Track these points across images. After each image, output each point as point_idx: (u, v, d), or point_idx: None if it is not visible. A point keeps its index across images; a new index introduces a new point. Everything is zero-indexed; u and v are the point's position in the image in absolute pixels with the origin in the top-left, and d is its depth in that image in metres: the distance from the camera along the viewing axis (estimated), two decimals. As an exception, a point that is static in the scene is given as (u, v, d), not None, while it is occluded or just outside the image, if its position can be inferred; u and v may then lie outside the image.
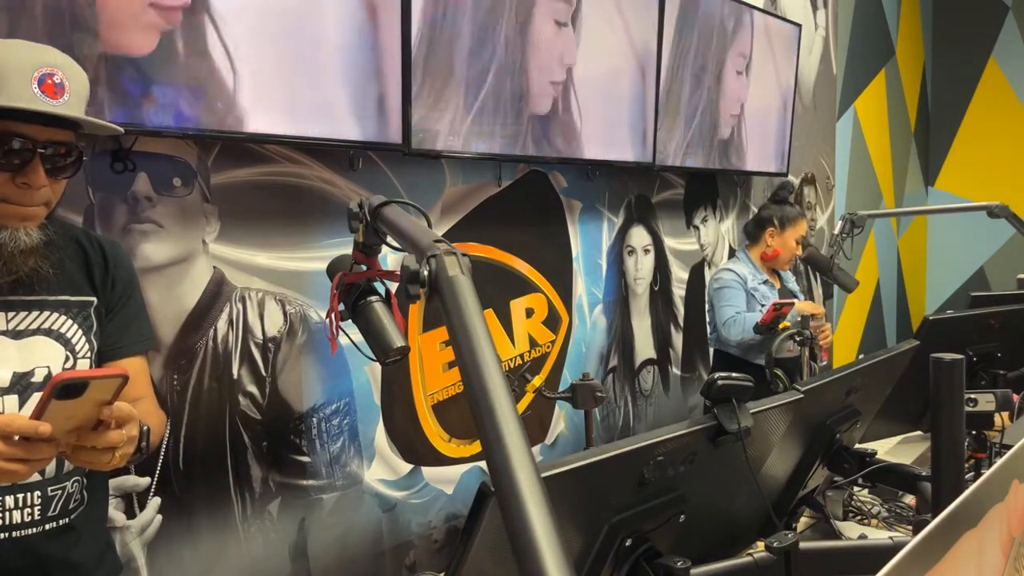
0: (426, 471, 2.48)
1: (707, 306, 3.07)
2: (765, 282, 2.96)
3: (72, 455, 1.06)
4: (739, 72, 3.56)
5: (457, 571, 0.86)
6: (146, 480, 1.80)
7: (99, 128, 1.23)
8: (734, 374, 1.17)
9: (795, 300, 2.99)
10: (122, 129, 1.31)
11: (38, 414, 0.98)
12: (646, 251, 3.36)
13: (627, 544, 1.04)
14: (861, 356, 4.16)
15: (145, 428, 1.18)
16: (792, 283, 3.15)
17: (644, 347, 3.38)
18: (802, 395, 1.34)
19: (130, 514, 1.78)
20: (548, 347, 2.88)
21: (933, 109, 6.22)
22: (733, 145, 3.58)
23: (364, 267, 1.31)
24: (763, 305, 2.88)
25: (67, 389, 0.97)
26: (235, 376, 1.96)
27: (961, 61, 6.03)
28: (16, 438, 1.00)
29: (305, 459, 2.12)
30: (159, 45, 1.67)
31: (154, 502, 1.81)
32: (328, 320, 1.31)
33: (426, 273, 0.87)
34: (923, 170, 6.20)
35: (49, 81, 1.12)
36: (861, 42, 5.09)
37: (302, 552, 2.13)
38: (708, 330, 3.16)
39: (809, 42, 4.44)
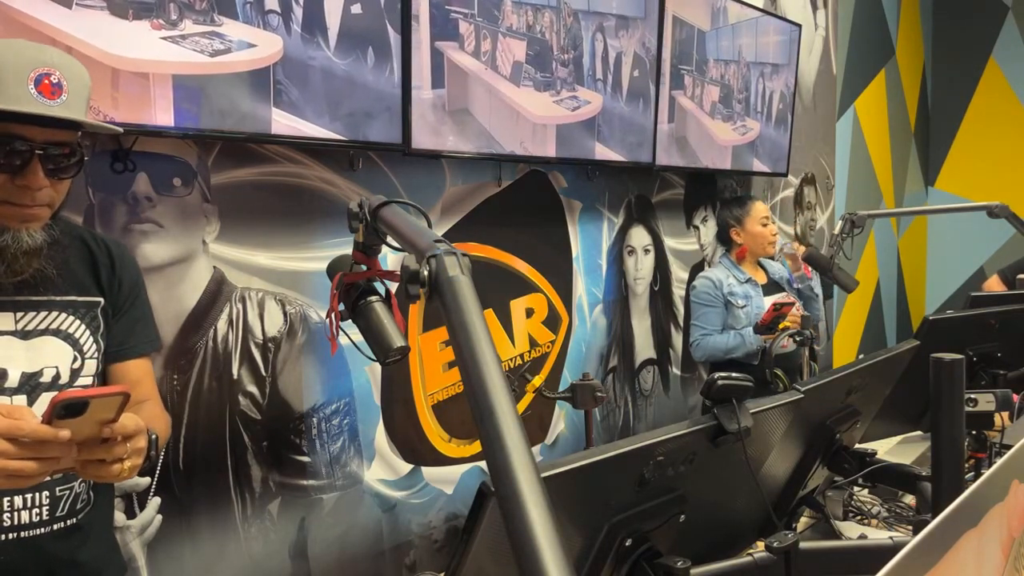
0: (426, 471, 2.48)
1: None
2: (747, 281, 2.96)
3: (81, 469, 1.06)
4: (738, 72, 3.56)
5: (457, 571, 0.86)
6: (146, 480, 1.80)
7: (98, 128, 1.22)
8: (734, 374, 1.17)
9: (790, 296, 2.99)
10: (121, 129, 1.30)
11: None
12: (646, 251, 3.36)
13: (627, 544, 1.04)
14: (861, 356, 4.16)
15: (153, 436, 1.16)
16: (779, 273, 3.13)
17: (644, 347, 3.38)
18: (802, 395, 1.34)
19: (130, 514, 1.78)
20: (548, 347, 2.88)
21: (933, 109, 6.22)
22: (733, 145, 3.58)
23: (364, 267, 1.30)
24: (742, 308, 2.88)
25: (68, 408, 0.97)
26: (235, 376, 1.96)
27: (961, 61, 6.03)
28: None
29: (305, 459, 2.12)
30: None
31: (154, 502, 1.82)
32: (328, 320, 1.31)
33: (426, 273, 0.87)
34: (923, 170, 6.20)
35: (46, 81, 1.11)
36: (861, 42, 5.09)
37: (302, 552, 2.13)
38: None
39: (809, 42, 4.44)
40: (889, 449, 2.29)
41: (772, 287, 3.04)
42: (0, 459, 0.97)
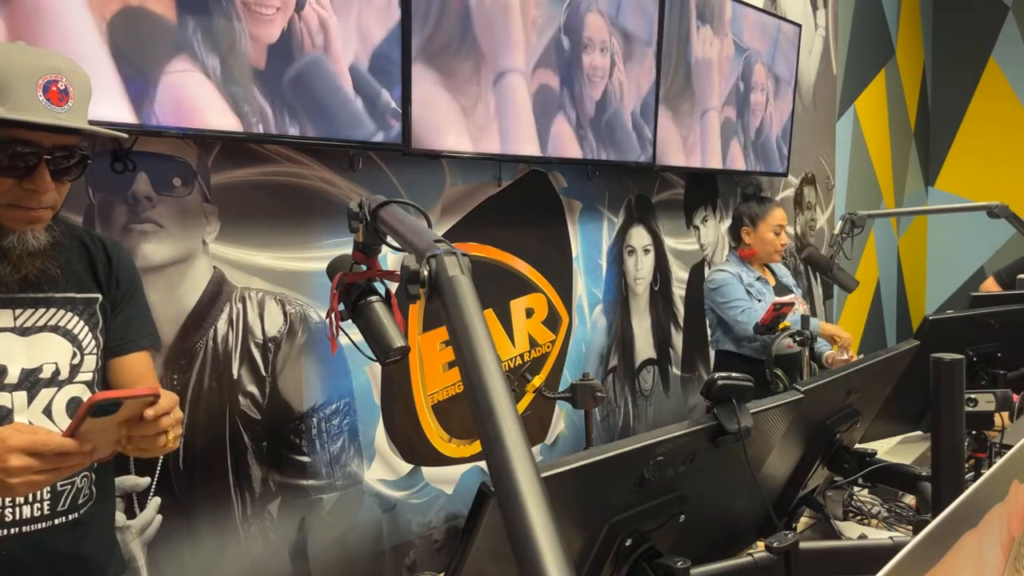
0: (426, 471, 2.48)
1: (706, 309, 3.07)
2: (758, 279, 2.97)
3: (126, 445, 1.11)
4: (738, 71, 3.56)
5: (457, 571, 0.86)
6: (146, 480, 1.80)
7: (103, 133, 1.24)
8: (734, 374, 1.17)
9: (795, 298, 3.00)
10: (125, 135, 1.32)
11: (73, 430, 1.03)
12: (646, 251, 3.36)
13: (627, 544, 1.04)
14: (861, 356, 4.16)
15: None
16: (787, 278, 3.15)
17: (644, 347, 3.38)
18: (802, 395, 1.34)
19: (130, 514, 1.78)
20: (548, 347, 2.88)
21: (933, 109, 6.22)
22: (734, 145, 3.58)
23: (364, 267, 1.30)
24: (759, 301, 2.89)
25: (102, 409, 1.03)
26: (235, 376, 1.96)
27: (961, 61, 6.03)
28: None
29: (305, 459, 2.12)
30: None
31: (154, 502, 1.81)
32: (328, 320, 1.31)
33: (426, 273, 0.87)
34: (923, 170, 6.20)
35: (54, 88, 1.12)
36: (861, 42, 5.09)
37: (302, 552, 2.13)
38: (709, 332, 3.16)
39: (809, 42, 4.44)
40: (889, 449, 2.29)
41: (782, 289, 3.05)
42: (24, 474, 1.01)
